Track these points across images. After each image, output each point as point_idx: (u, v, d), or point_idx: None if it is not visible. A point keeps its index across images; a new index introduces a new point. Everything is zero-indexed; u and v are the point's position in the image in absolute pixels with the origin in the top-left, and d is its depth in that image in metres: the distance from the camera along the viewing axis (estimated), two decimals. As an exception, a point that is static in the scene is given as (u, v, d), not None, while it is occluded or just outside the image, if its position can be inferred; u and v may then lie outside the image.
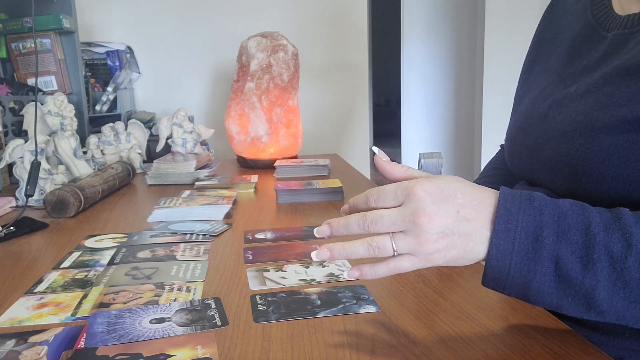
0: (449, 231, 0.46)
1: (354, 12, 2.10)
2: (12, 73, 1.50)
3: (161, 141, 1.43)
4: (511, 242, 0.46)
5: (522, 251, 0.46)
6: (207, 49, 2.02)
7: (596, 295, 0.45)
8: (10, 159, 1.08)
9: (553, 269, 0.46)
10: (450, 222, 0.47)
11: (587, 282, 0.45)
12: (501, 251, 0.46)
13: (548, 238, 0.45)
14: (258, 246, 0.77)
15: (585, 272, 0.45)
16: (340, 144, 2.18)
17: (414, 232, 0.46)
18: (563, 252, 0.45)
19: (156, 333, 0.50)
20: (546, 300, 0.47)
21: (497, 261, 0.47)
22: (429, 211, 0.46)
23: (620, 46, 0.60)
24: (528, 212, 0.47)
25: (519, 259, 0.46)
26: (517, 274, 0.46)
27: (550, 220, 0.46)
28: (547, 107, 0.65)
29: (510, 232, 0.46)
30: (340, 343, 0.48)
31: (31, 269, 0.71)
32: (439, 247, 0.46)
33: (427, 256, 0.47)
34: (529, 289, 0.47)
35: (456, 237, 0.47)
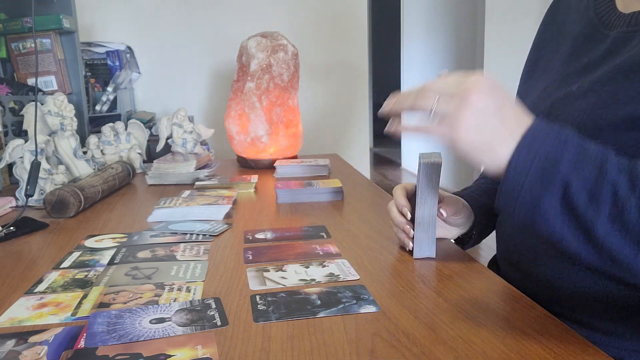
0: (486, 116, 0.49)
1: (354, 12, 2.10)
2: (12, 73, 1.50)
3: (161, 141, 1.43)
4: (530, 162, 0.49)
5: (538, 173, 0.48)
6: (207, 49, 2.02)
7: (595, 228, 0.47)
8: (10, 159, 1.08)
9: (561, 196, 0.48)
10: (491, 111, 0.50)
11: (589, 214, 0.47)
12: (519, 169, 0.49)
13: (564, 165, 0.48)
14: (258, 246, 0.77)
15: (589, 204, 0.47)
16: (340, 144, 2.18)
17: (460, 98, 0.50)
18: (574, 181, 0.48)
19: (156, 333, 0.50)
20: (550, 226, 0.49)
21: (513, 178, 0.49)
22: (482, 89, 0.50)
23: (623, 44, 0.60)
24: (553, 140, 0.49)
25: (533, 179, 0.49)
26: (528, 193, 0.49)
27: (572, 151, 0.48)
28: (549, 106, 0.65)
29: (531, 154, 0.49)
30: (340, 343, 0.48)
31: (31, 269, 0.71)
32: (471, 123, 0.49)
33: (457, 127, 0.50)
34: (537, 210, 0.49)
35: (489, 125, 0.50)
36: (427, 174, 0.65)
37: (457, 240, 0.80)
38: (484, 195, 0.80)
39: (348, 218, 0.92)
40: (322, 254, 0.72)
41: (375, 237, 0.80)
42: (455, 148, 0.51)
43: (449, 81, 0.52)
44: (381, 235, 0.80)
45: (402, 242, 0.72)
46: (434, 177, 0.65)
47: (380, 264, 0.68)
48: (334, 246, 0.76)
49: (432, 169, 0.65)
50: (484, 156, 0.50)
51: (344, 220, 0.90)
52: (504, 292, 0.58)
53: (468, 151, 0.51)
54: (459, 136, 0.50)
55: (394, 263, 0.68)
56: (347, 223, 0.88)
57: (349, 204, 1.03)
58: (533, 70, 0.77)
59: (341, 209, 0.98)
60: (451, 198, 0.74)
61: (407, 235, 0.70)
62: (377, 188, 1.17)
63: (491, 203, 0.79)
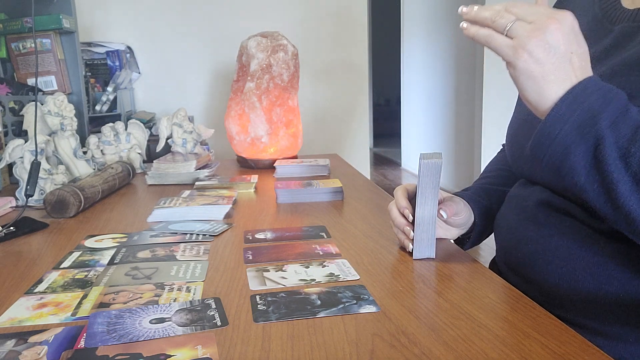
0: (553, 53, 0.50)
1: (354, 12, 2.10)
2: (12, 73, 1.50)
3: (161, 141, 1.43)
4: (572, 112, 0.50)
5: (576, 122, 0.50)
6: (207, 49, 2.02)
7: (618, 187, 0.49)
8: (10, 159, 1.08)
9: (593, 149, 0.49)
10: (561, 50, 0.50)
11: (615, 173, 0.48)
12: (559, 115, 0.50)
13: (603, 121, 0.49)
14: (258, 246, 0.77)
15: (618, 162, 0.48)
16: (340, 144, 2.18)
17: (538, 25, 0.50)
18: (608, 137, 0.49)
19: (156, 333, 0.50)
20: (575, 177, 0.51)
21: (552, 123, 0.51)
22: (562, 27, 0.50)
23: (628, 38, 0.60)
24: (599, 97, 0.50)
25: (570, 128, 0.50)
26: (561, 142, 0.51)
27: (613, 109, 0.50)
28: None
29: (575, 104, 0.50)
30: (340, 343, 0.48)
31: (31, 269, 0.71)
32: (536, 52, 0.50)
33: (521, 51, 0.50)
34: (567, 159, 0.51)
35: (552, 61, 0.50)
36: (427, 174, 0.65)
37: (457, 241, 0.80)
38: (484, 196, 0.80)
39: (348, 218, 0.92)
40: (322, 254, 0.72)
41: (375, 237, 0.80)
42: (511, 69, 0.52)
43: (534, 9, 0.52)
44: (381, 235, 0.80)
45: (402, 243, 0.72)
46: (435, 178, 0.65)
47: (380, 264, 0.68)
48: (334, 246, 0.76)
49: (433, 170, 0.65)
50: (532, 87, 0.51)
51: (344, 220, 0.90)
52: (504, 292, 0.58)
53: (520, 77, 0.52)
54: (518, 60, 0.51)
55: (394, 263, 0.68)
56: (347, 223, 0.88)
57: (349, 204, 1.03)
58: None
59: (341, 209, 0.98)
60: (451, 198, 0.74)
61: (407, 236, 0.70)
62: (377, 188, 1.17)
63: (491, 204, 0.79)
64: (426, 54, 4.76)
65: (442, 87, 4.41)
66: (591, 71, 0.53)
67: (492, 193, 0.81)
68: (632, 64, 0.56)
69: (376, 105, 7.24)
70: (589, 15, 0.68)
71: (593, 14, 0.68)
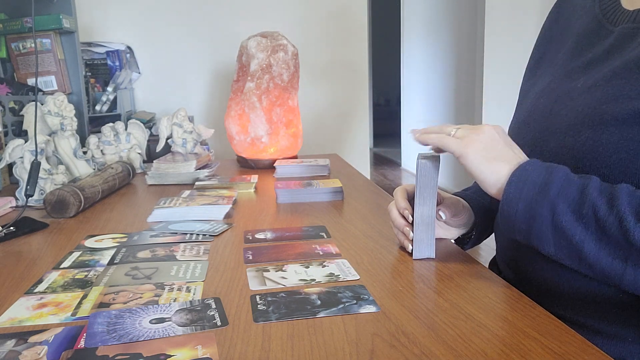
0: (494, 143, 0.59)
1: (354, 12, 2.10)
2: (12, 73, 1.50)
3: (161, 141, 1.43)
4: (519, 191, 0.55)
5: (527, 200, 0.54)
6: (207, 49, 2.02)
7: (584, 248, 0.51)
8: (10, 159, 1.08)
9: (550, 219, 0.53)
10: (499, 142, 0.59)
11: (577, 235, 0.52)
12: (510, 198, 0.55)
13: (551, 191, 0.53)
14: (258, 246, 0.77)
15: (576, 224, 0.52)
16: (340, 144, 2.18)
17: (476, 128, 0.60)
18: (560, 204, 0.52)
19: (156, 333, 0.50)
20: (546, 248, 0.54)
21: (507, 206, 0.56)
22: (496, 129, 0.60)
23: (628, 40, 0.60)
24: (540, 171, 0.55)
25: (524, 207, 0.54)
26: (522, 220, 0.55)
27: (557, 180, 0.54)
28: (552, 102, 0.65)
29: (520, 183, 0.55)
30: (340, 343, 0.48)
31: (31, 269, 0.71)
32: (481, 143, 0.58)
33: (469, 144, 0.58)
34: (532, 234, 0.55)
35: (495, 149, 0.58)
36: (425, 173, 0.65)
37: (457, 241, 0.80)
38: (484, 196, 0.80)
39: (348, 218, 0.92)
40: (322, 254, 0.72)
41: (375, 237, 0.80)
42: (463, 160, 0.59)
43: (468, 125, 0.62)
44: (381, 235, 0.80)
45: (402, 244, 0.72)
46: (433, 177, 0.65)
47: (380, 264, 0.68)
48: (334, 246, 0.76)
49: (431, 169, 0.65)
50: (486, 169, 0.58)
51: (344, 220, 0.90)
52: (504, 292, 0.58)
53: (474, 163, 0.58)
54: (468, 148, 0.58)
55: (394, 263, 0.68)
56: (347, 223, 0.88)
57: (349, 204, 1.03)
58: (537, 66, 0.77)
59: (341, 209, 0.98)
60: (451, 199, 0.74)
61: (406, 236, 0.70)
62: (377, 188, 1.17)
63: (491, 204, 0.79)
64: (426, 54, 4.76)
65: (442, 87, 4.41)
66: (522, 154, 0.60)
67: None
68: (632, 66, 0.56)
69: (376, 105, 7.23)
70: (589, 15, 0.68)
71: (593, 14, 0.67)
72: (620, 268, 0.50)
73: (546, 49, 0.76)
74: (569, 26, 0.73)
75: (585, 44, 0.66)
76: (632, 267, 0.49)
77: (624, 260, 0.49)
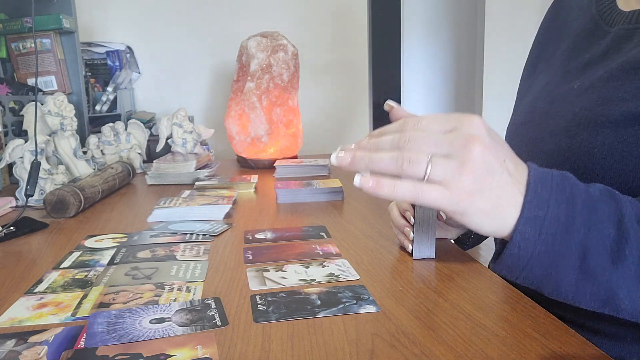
0: (493, 173, 0.42)
1: (354, 12, 2.10)
2: (12, 73, 1.50)
3: (161, 141, 1.43)
4: (538, 229, 0.43)
5: (549, 241, 0.43)
6: (207, 49, 2.02)
7: (619, 292, 0.43)
8: (10, 159, 1.08)
9: (579, 263, 0.43)
10: (497, 166, 0.42)
11: (614, 279, 0.42)
12: (527, 239, 0.43)
13: (579, 229, 0.42)
14: (258, 246, 0.77)
15: (614, 268, 0.42)
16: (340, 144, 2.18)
17: (461, 157, 0.41)
18: (593, 245, 0.42)
19: (156, 333, 0.50)
20: (562, 294, 0.45)
21: (520, 249, 0.44)
22: (485, 141, 0.41)
23: (624, 41, 0.60)
24: (559, 199, 0.43)
25: (544, 248, 0.43)
26: (538, 264, 0.44)
27: (582, 209, 0.43)
28: (549, 103, 0.65)
29: (539, 219, 0.43)
30: (340, 343, 0.48)
31: (31, 269, 0.71)
32: (476, 186, 0.41)
33: (460, 192, 0.41)
34: (548, 280, 0.45)
35: (496, 184, 0.42)
36: None
37: (457, 241, 0.79)
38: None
39: (348, 218, 0.92)
40: (322, 254, 0.72)
41: (375, 237, 0.80)
42: (459, 216, 0.44)
43: (436, 131, 0.42)
44: (381, 235, 0.80)
45: (402, 244, 0.72)
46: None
47: (380, 264, 0.68)
48: (334, 246, 0.76)
49: None
50: (489, 222, 0.44)
51: (344, 220, 0.90)
52: (504, 292, 0.58)
53: (473, 218, 0.43)
54: (462, 205, 0.42)
55: (394, 263, 0.68)
56: (347, 223, 0.88)
57: (349, 204, 1.03)
58: (534, 68, 0.77)
59: (341, 209, 0.98)
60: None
61: (406, 237, 0.70)
62: (377, 188, 1.17)
63: None
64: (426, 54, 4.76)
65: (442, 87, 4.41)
66: (522, 162, 0.46)
67: None
68: (628, 68, 0.56)
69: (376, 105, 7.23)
70: (586, 16, 0.68)
71: (590, 15, 0.67)
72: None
73: (543, 49, 0.76)
74: (565, 27, 0.73)
75: (582, 45, 0.67)
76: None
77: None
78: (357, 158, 0.45)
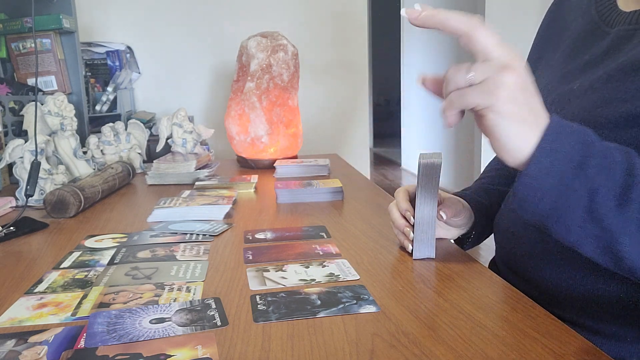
0: (527, 88, 0.44)
1: (354, 12, 2.10)
2: (12, 73, 1.50)
3: (161, 141, 1.43)
4: (552, 162, 0.44)
5: (561, 175, 0.44)
6: (207, 49, 2.02)
7: (620, 239, 0.44)
8: (10, 159, 1.08)
9: (586, 202, 0.44)
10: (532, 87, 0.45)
11: (615, 224, 0.43)
12: (540, 169, 0.44)
13: (590, 170, 0.44)
14: (258, 246, 0.77)
15: (618, 212, 0.43)
16: (340, 144, 2.18)
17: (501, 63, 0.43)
18: (602, 186, 0.44)
19: (156, 333, 0.50)
20: (566, 235, 0.46)
21: (532, 179, 0.45)
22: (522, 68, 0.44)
23: (624, 42, 0.60)
24: (576, 139, 0.45)
25: (555, 182, 0.44)
26: (547, 198, 0.45)
27: (596, 153, 0.44)
28: (549, 104, 0.65)
29: (554, 152, 0.44)
30: (340, 343, 0.48)
31: (31, 269, 0.71)
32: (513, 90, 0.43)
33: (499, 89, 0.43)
34: (554, 217, 0.46)
35: (529, 97, 0.44)
36: (426, 174, 0.65)
37: (457, 241, 0.80)
38: (484, 196, 0.80)
39: (348, 218, 0.92)
40: (322, 254, 0.72)
41: (375, 237, 0.80)
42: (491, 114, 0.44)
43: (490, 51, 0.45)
44: (381, 235, 0.80)
45: (402, 244, 0.72)
46: (434, 178, 0.65)
47: (380, 264, 0.68)
48: (334, 246, 0.76)
49: (432, 170, 0.65)
50: (514, 132, 0.44)
51: (344, 220, 0.90)
52: (504, 292, 0.58)
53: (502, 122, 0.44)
54: (500, 100, 0.43)
55: (394, 263, 0.68)
56: (347, 223, 0.88)
57: (349, 204, 1.03)
58: (534, 69, 0.77)
59: (341, 209, 0.98)
60: (451, 199, 0.74)
61: (406, 237, 0.70)
62: (377, 188, 1.17)
63: (491, 204, 0.79)
64: (426, 54, 4.76)
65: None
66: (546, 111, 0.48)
67: (492, 193, 0.81)
68: (627, 69, 0.56)
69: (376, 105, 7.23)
70: (586, 17, 0.68)
71: (590, 16, 0.67)
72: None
73: (543, 50, 0.76)
74: (565, 27, 0.73)
75: (581, 46, 0.66)
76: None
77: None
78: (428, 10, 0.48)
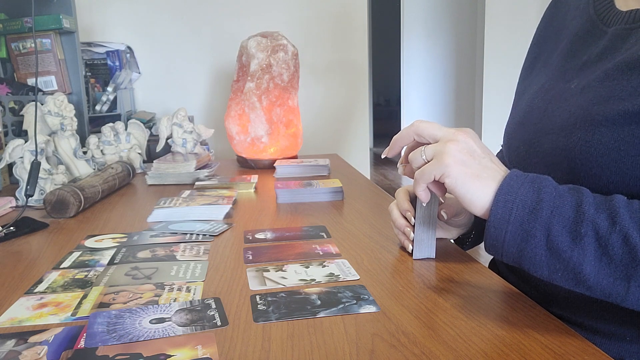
0: (475, 153, 0.54)
1: (354, 11, 2.10)
2: (12, 73, 1.50)
3: (161, 141, 1.43)
4: (508, 212, 0.50)
5: (518, 221, 0.50)
6: (207, 49, 2.02)
7: (583, 269, 0.48)
8: (10, 159, 1.08)
9: (545, 241, 0.49)
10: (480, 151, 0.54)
11: (575, 256, 0.48)
12: (499, 219, 0.51)
13: (543, 211, 0.49)
14: (258, 246, 0.77)
15: (574, 245, 0.48)
16: (340, 144, 2.18)
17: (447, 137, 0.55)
18: (554, 225, 0.49)
19: (156, 333, 0.50)
20: (539, 271, 0.51)
21: (495, 228, 0.51)
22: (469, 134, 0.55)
23: (621, 41, 0.60)
24: (528, 188, 0.51)
25: (514, 229, 0.50)
26: (512, 243, 0.51)
27: (547, 197, 0.50)
28: (547, 102, 0.65)
29: (509, 202, 0.51)
30: (340, 343, 0.48)
31: (31, 269, 0.71)
32: (460, 156, 0.53)
33: (446, 158, 0.53)
34: (523, 258, 0.51)
35: (477, 161, 0.53)
36: None
37: (457, 241, 0.80)
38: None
39: (348, 218, 0.92)
40: (322, 254, 0.72)
41: (375, 237, 0.80)
42: (447, 179, 0.53)
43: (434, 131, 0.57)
44: (381, 235, 0.80)
45: (402, 244, 0.72)
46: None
47: (380, 264, 0.68)
48: (334, 246, 0.76)
49: None
50: (471, 188, 0.53)
51: (344, 220, 0.90)
52: (504, 292, 0.58)
53: (457, 182, 0.53)
54: (448, 167, 0.53)
55: (394, 263, 0.68)
56: (347, 223, 0.88)
57: (349, 204, 1.03)
58: (532, 67, 0.77)
59: (341, 209, 0.98)
60: (451, 199, 0.74)
61: (407, 237, 0.70)
62: (377, 188, 1.17)
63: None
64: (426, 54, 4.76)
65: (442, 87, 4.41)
66: (501, 164, 0.56)
67: None
68: (624, 67, 0.56)
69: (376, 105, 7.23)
70: (583, 16, 0.68)
71: (587, 15, 0.67)
72: (623, 288, 0.47)
73: (541, 49, 0.76)
74: (563, 27, 0.73)
75: (579, 45, 0.66)
76: (636, 286, 0.46)
77: (627, 280, 0.46)
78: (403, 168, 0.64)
